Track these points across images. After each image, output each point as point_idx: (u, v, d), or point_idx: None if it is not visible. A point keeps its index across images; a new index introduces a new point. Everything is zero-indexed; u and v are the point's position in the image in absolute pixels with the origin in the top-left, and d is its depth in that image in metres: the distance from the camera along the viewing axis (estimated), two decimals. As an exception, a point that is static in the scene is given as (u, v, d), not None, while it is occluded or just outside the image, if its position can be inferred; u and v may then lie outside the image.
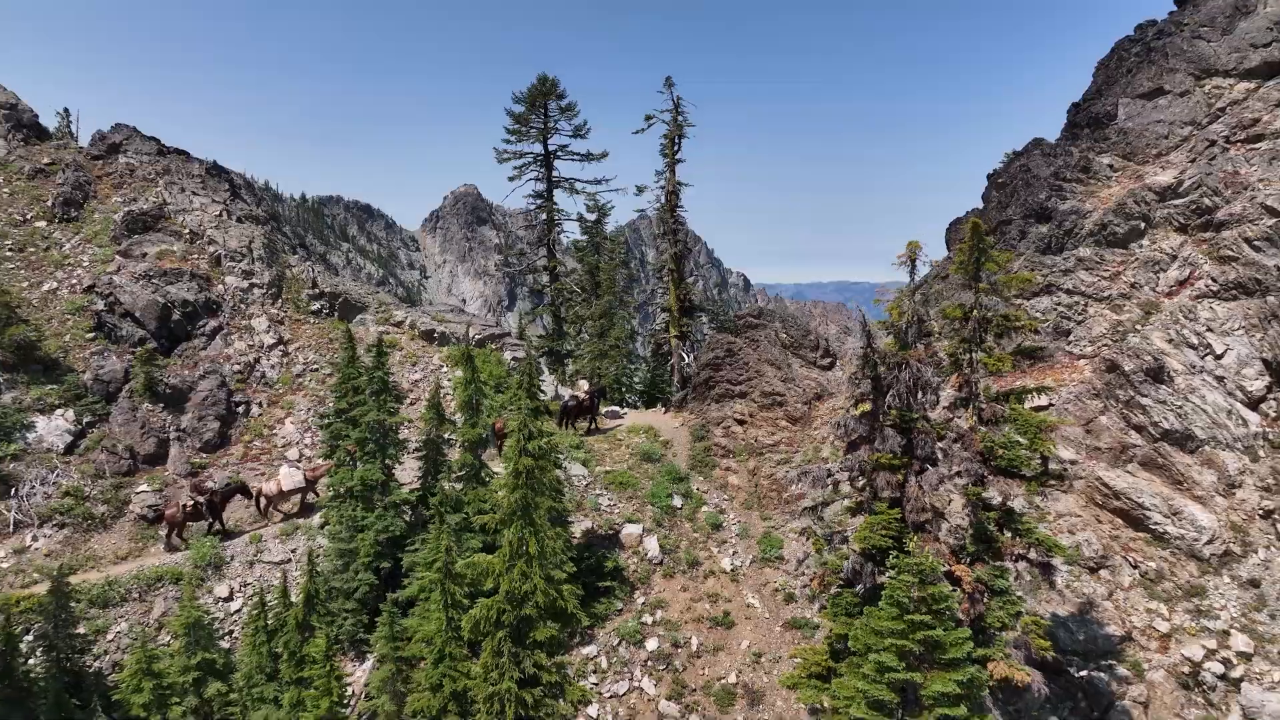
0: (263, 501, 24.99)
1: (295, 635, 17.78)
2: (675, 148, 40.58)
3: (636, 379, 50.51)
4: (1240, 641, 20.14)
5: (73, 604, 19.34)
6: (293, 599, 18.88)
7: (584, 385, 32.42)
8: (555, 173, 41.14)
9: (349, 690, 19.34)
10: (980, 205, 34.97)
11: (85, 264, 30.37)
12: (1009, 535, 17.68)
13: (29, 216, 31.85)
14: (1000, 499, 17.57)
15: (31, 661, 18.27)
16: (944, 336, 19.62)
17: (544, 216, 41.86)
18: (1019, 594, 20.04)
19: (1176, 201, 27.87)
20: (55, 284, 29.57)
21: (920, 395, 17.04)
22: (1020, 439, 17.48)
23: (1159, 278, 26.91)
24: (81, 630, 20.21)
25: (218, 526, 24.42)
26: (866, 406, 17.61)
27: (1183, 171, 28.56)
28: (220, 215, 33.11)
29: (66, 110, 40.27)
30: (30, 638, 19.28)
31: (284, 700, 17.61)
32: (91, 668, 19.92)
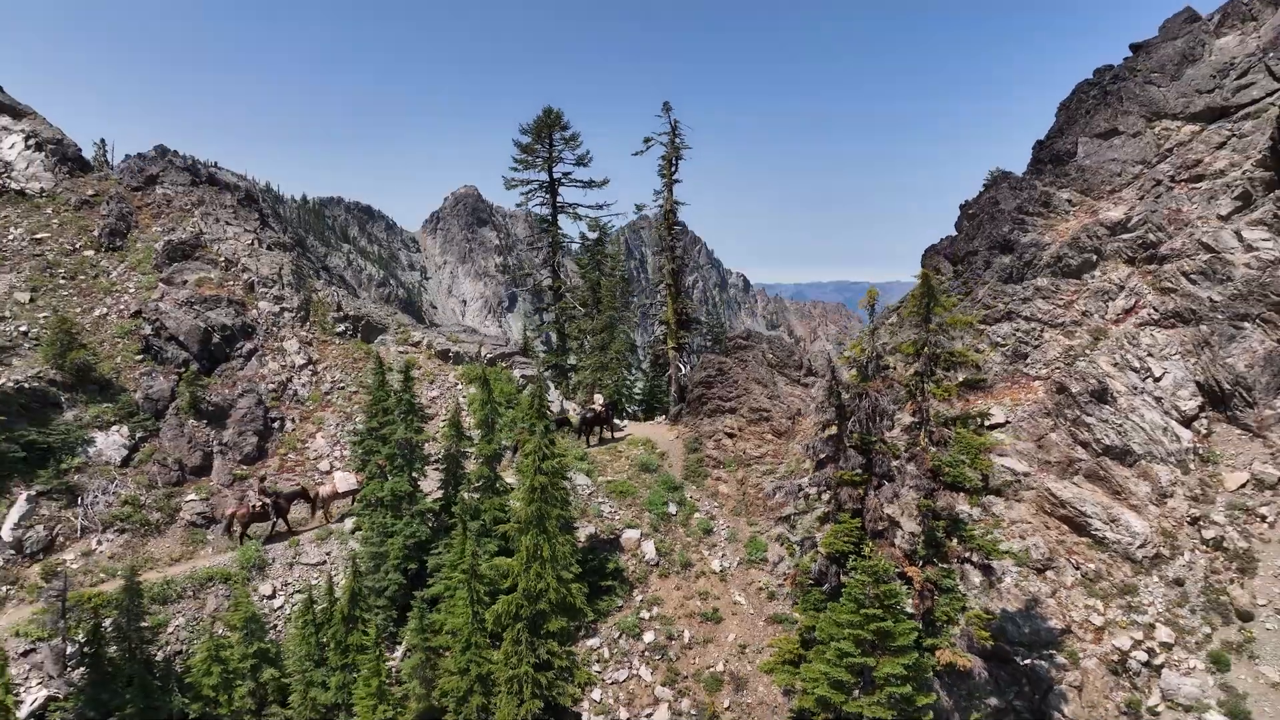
0: (319, 501, 28.05)
1: (341, 627, 20.62)
2: (673, 169, 43.31)
3: (636, 389, 53.38)
4: (1163, 633, 22.98)
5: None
6: (335, 596, 21.70)
7: (599, 399, 35.43)
8: (560, 198, 43.99)
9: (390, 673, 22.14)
10: (954, 233, 37.81)
11: (131, 290, 33.19)
12: (955, 541, 20.50)
13: (78, 246, 34.66)
14: (947, 510, 20.38)
15: (111, 650, 21.07)
16: (903, 364, 22.42)
17: (549, 240, 44.66)
18: (965, 592, 22.97)
19: (1125, 236, 30.72)
20: (105, 309, 32.38)
21: (878, 421, 19.85)
22: (964, 458, 20.27)
23: (1108, 306, 29.76)
24: (146, 624, 23.05)
25: (282, 525, 27.47)
26: (832, 430, 20.43)
27: (1132, 208, 31.42)
28: (252, 244, 35.94)
29: (103, 141, 43.17)
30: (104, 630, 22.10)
31: (330, 684, 20.45)
32: (158, 656, 22.77)
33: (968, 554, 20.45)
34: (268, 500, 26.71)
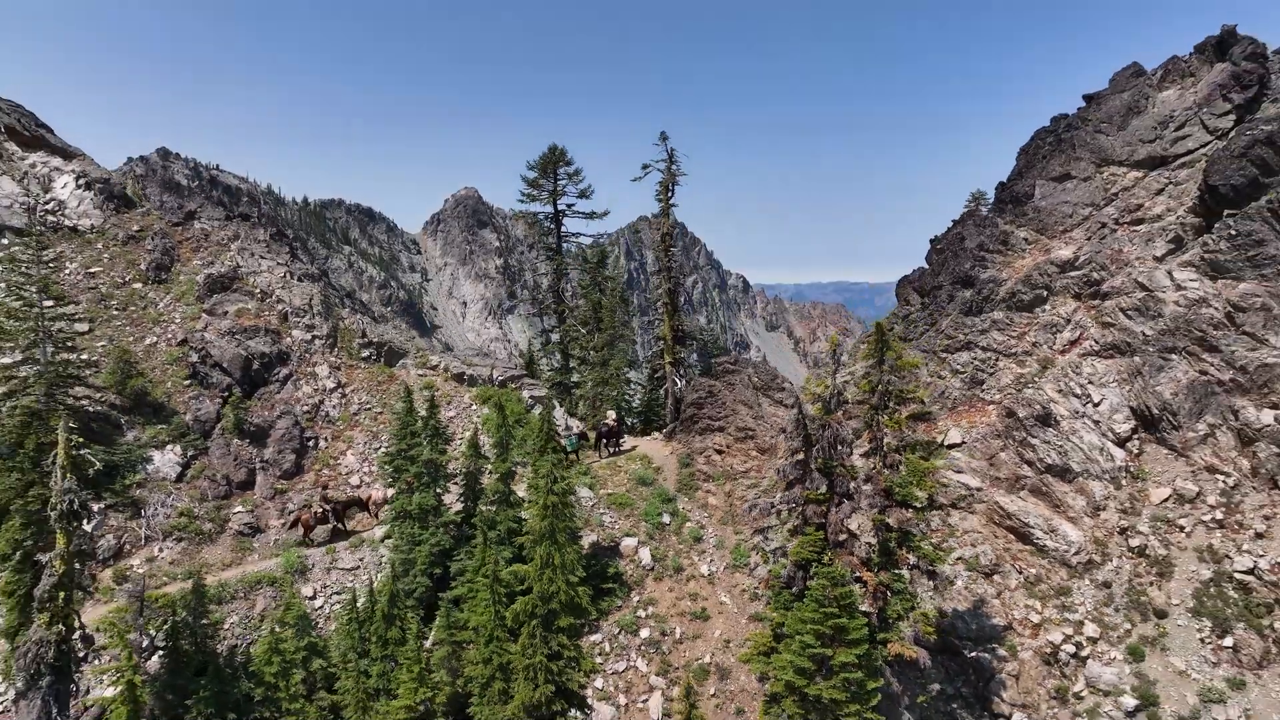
0: (372, 506, 31.78)
1: (381, 624, 24.12)
2: (669, 194, 46.82)
3: (635, 402, 56.86)
4: (1090, 629, 26.47)
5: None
6: (375, 598, 25.19)
7: (611, 415, 39.09)
8: (564, 228, 47.52)
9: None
10: (925, 265, 41.28)
11: (177, 320, 36.69)
12: (905, 551, 23.97)
13: (127, 279, 38.15)
14: (898, 523, 23.85)
15: (183, 643, 24.55)
16: (861, 398, 25.88)
17: (554, 266, 48.19)
18: (921, 593, 26.52)
19: (1073, 273, 34.22)
20: (155, 338, 35.87)
21: (839, 448, 23.33)
22: (912, 480, 23.73)
23: (1055, 338, 33.26)
24: (207, 621, 26.52)
25: (340, 528, 31.27)
26: (800, 456, 23.89)
27: (1080, 248, 34.93)
28: (284, 276, 39.44)
29: (140, 177, 46.54)
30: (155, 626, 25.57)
31: (372, 672, 23.93)
32: (218, 649, 26.25)
33: (916, 562, 23.93)
34: (329, 507, 30.65)
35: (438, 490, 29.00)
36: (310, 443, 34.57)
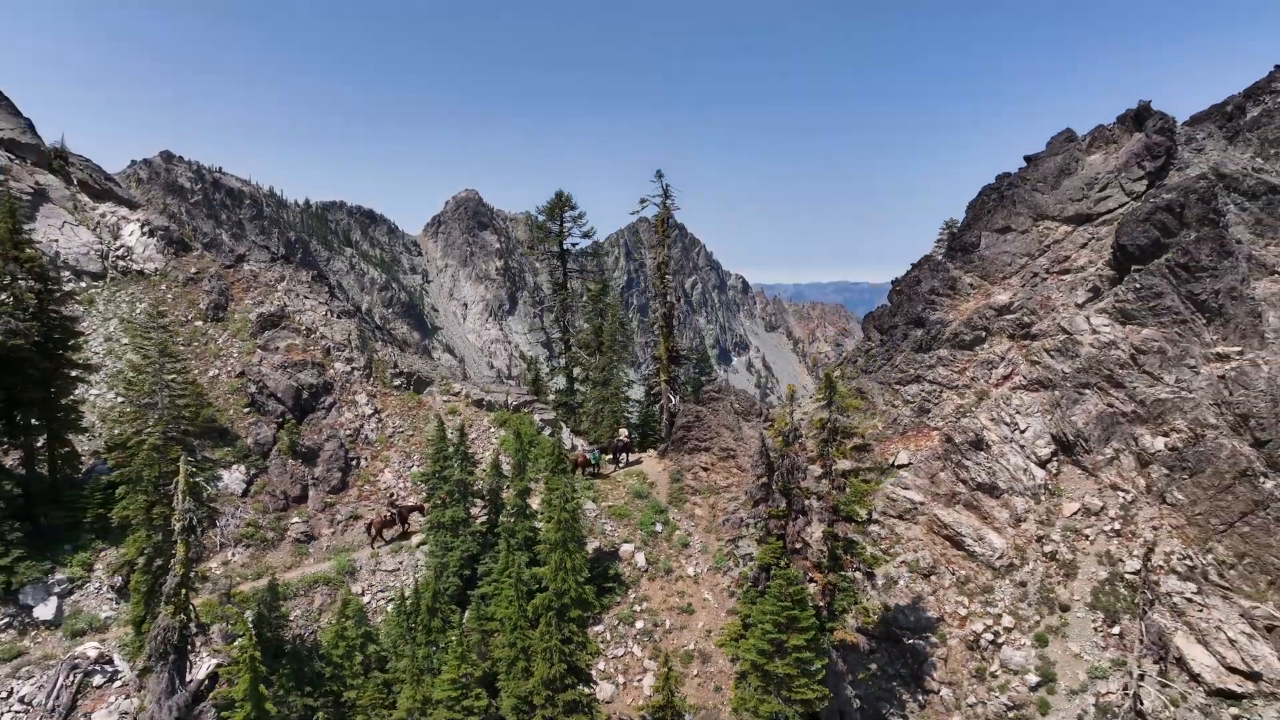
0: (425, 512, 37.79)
1: (425, 616, 29.73)
2: (664, 227, 52.39)
3: (634, 417, 62.46)
4: (1007, 620, 32.08)
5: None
6: (419, 595, 30.80)
7: (624, 432, 44.75)
8: (570, 265, 53.13)
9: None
10: (887, 304, 46.86)
11: (235, 355, 42.28)
12: (849, 556, 29.56)
13: (189, 318, 43.74)
14: (843, 535, 29.44)
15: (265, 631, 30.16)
16: (814, 433, 31.45)
17: (561, 300, 53.83)
18: (871, 591, 32.12)
19: (1008, 317, 39.85)
20: (216, 371, 41.46)
21: (795, 473, 28.91)
22: (855, 500, 29.30)
23: (990, 373, 38.88)
24: (277, 613, 32.11)
25: (402, 530, 37.00)
26: (764, 480, 29.49)
27: (1015, 293, 40.55)
28: (325, 314, 45.04)
29: (184, 219, 52.10)
30: (249, 618, 31.16)
31: (418, 655, 29.52)
32: (287, 636, 31.84)
33: (858, 565, 29.55)
34: (393, 511, 36.53)
35: (467, 505, 34.61)
36: (353, 462, 40.20)
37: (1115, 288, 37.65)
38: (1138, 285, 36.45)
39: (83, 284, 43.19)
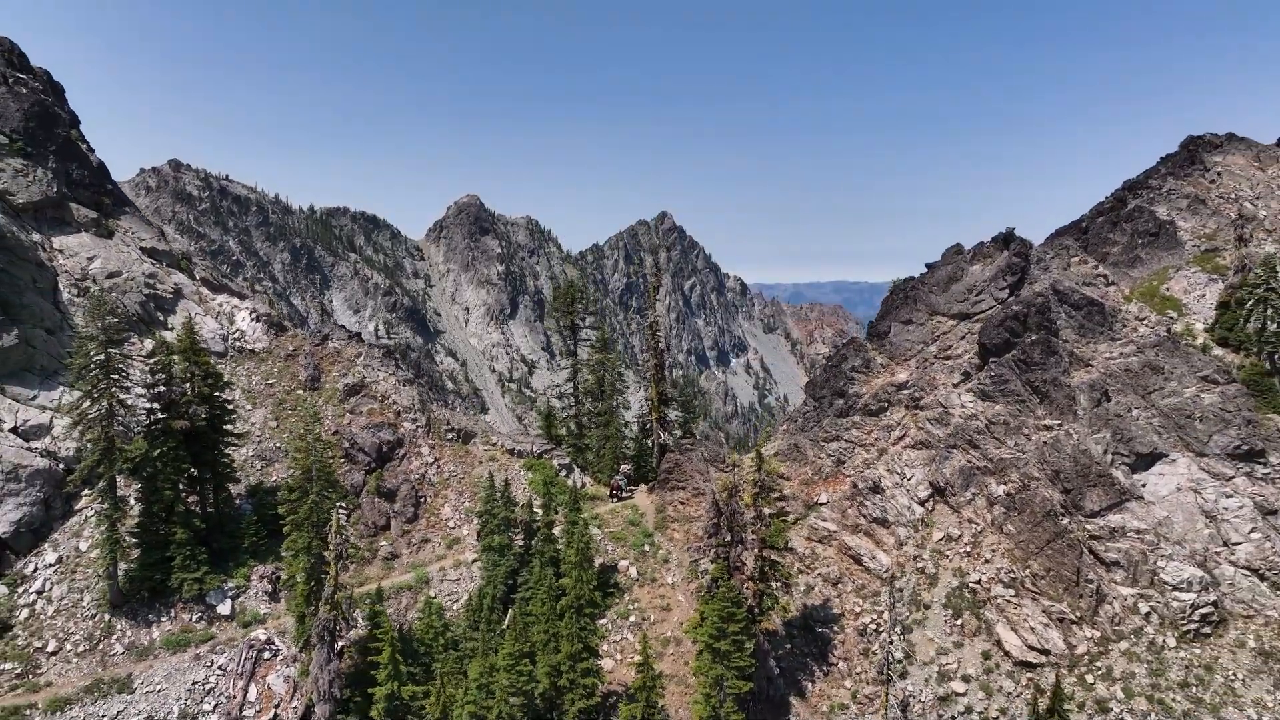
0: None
1: (486, 612, 43.82)
2: (656, 289, 66.39)
3: (630, 452, 76.48)
4: (886, 616, 46.11)
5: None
6: (482, 598, 44.84)
7: (626, 468, 58.78)
8: (580, 338, 67.25)
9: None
10: (823, 374, 60.82)
11: (330, 417, 56.33)
12: (772, 572, 43.53)
13: (292, 388, 57.81)
14: (769, 559, 43.37)
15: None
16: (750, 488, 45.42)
17: (572, 365, 67.92)
18: (778, 596, 46.18)
19: (905, 392, 53.90)
20: (354, 433, 55.42)
21: (736, 516, 42.94)
22: (776, 536, 43.22)
23: (889, 435, 52.91)
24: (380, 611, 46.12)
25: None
26: (715, 520, 43.50)
27: (911, 373, 54.61)
28: (395, 383, 59.10)
29: (275, 306, 66.09)
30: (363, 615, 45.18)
31: (484, 637, 43.57)
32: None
33: (778, 579, 43.59)
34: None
35: (510, 533, 48.67)
36: (422, 499, 54.29)
37: (979, 373, 51.71)
38: (993, 373, 50.52)
39: (211, 361, 57.19)
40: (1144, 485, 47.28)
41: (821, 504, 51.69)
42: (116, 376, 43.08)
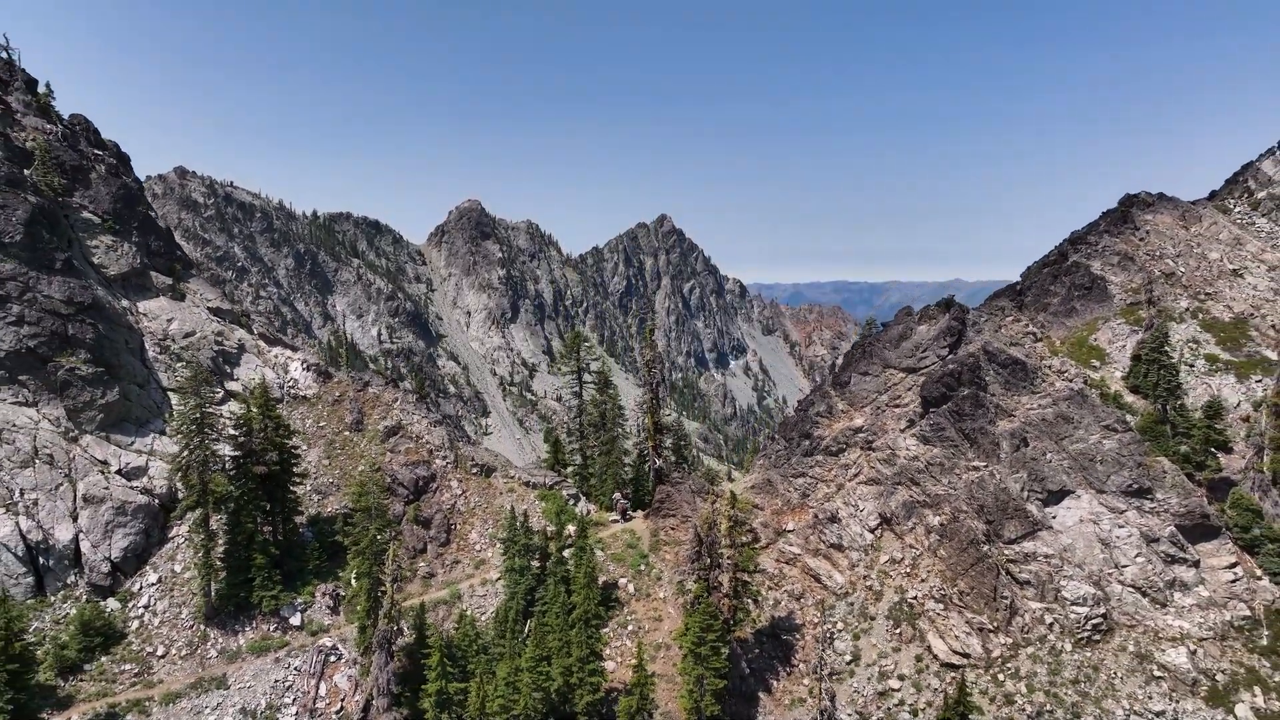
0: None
1: (510, 623, 53.71)
2: (651, 332, 76.26)
3: (628, 476, 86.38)
4: (840, 625, 55.92)
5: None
6: (507, 610, 54.70)
7: (618, 495, 68.60)
8: (586, 378, 77.08)
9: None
10: (795, 416, 70.65)
11: (373, 455, 66.20)
12: (744, 591, 53.34)
13: (340, 430, 67.68)
14: (741, 580, 53.15)
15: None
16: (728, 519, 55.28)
17: (579, 404, 77.73)
18: (763, 610, 56.15)
19: (860, 435, 63.77)
20: (363, 466, 65.39)
21: (714, 544, 52.79)
22: (746, 561, 52.98)
23: (846, 472, 62.78)
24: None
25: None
26: (697, 547, 53.33)
27: (866, 419, 64.50)
28: (427, 425, 68.95)
29: (329, 347, 76.01)
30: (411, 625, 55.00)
31: (510, 644, 53.40)
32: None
33: (748, 597, 53.44)
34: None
35: (528, 557, 58.52)
36: (452, 526, 64.17)
37: (921, 421, 61.56)
38: (933, 421, 60.37)
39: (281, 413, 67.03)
40: (1054, 517, 57.15)
41: (789, 531, 61.59)
42: (209, 431, 53.00)
